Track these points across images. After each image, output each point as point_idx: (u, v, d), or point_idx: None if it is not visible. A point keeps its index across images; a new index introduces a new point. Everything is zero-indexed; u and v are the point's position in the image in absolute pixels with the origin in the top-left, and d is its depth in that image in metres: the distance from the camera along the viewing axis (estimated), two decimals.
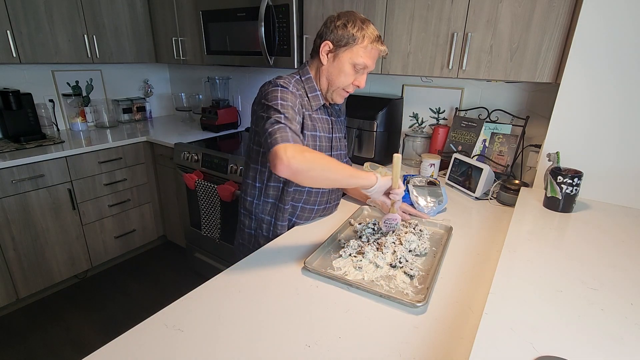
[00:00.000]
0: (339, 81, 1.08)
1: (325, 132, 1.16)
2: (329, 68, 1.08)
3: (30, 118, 2.26)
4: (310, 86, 1.11)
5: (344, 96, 1.13)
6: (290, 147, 0.89)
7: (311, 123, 1.10)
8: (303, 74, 1.12)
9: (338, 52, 1.05)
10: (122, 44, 2.53)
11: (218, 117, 2.53)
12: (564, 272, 0.83)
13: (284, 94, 1.01)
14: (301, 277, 0.92)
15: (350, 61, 1.05)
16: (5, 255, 1.97)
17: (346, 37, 1.03)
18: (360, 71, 1.07)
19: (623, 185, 1.23)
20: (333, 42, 1.04)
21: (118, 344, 0.70)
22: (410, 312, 0.80)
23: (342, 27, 1.03)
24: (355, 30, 1.02)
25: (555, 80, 1.30)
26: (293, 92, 1.03)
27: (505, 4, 1.32)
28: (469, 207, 1.38)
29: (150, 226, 2.69)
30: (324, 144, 1.15)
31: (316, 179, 0.92)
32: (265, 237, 1.19)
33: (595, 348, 0.61)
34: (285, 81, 1.05)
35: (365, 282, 0.89)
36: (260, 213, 1.19)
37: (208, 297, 0.84)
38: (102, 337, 1.97)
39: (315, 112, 1.13)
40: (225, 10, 2.07)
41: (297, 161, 0.87)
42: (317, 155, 0.91)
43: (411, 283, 0.90)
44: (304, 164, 0.87)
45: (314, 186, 1.07)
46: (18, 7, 2.02)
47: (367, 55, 1.04)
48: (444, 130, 1.82)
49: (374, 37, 1.04)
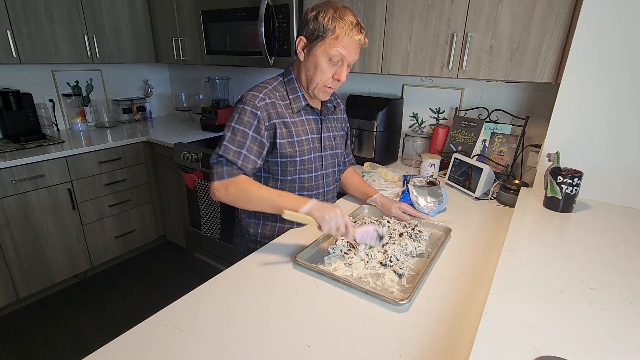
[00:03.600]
0: (317, 77, 1.02)
1: (312, 134, 1.13)
2: (305, 64, 1.04)
3: (30, 118, 2.26)
4: (291, 87, 1.09)
5: (328, 92, 1.07)
6: (218, 185, 1.01)
7: (286, 130, 1.07)
8: (286, 74, 1.11)
9: (312, 47, 1.00)
10: (122, 44, 2.53)
11: (218, 117, 2.53)
12: (564, 272, 0.83)
13: (242, 115, 1.02)
14: (301, 277, 0.92)
15: (324, 54, 0.99)
16: (5, 255, 1.97)
17: (317, 29, 0.97)
18: (338, 64, 1.01)
19: (623, 185, 1.23)
20: (306, 36, 1.00)
21: (118, 344, 0.70)
22: (396, 309, 0.80)
23: (314, 20, 0.97)
24: (327, 21, 0.95)
25: (555, 80, 1.30)
26: (255, 109, 1.01)
27: (505, 4, 1.32)
28: (469, 207, 1.38)
29: (150, 226, 2.69)
30: (307, 146, 1.11)
31: (246, 207, 1.04)
32: (254, 240, 1.20)
33: (595, 348, 0.61)
34: (255, 92, 1.04)
35: (352, 279, 0.90)
36: (248, 217, 1.20)
37: (208, 297, 0.84)
38: (102, 337, 1.97)
39: (297, 114, 1.09)
40: (225, 10, 2.06)
41: (223, 198, 1.02)
42: (241, 190, 1.00)
43: (399, 282, 0.90)
44: (227, 198, 1.02)
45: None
46: (18, 7, 2.02)
47: (341, 46, 0.97)
48: (444, 130, 1.82)
49: (348, 26, 0.96)
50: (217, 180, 1.01)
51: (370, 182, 1.54)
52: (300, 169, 1.12)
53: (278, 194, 0.99)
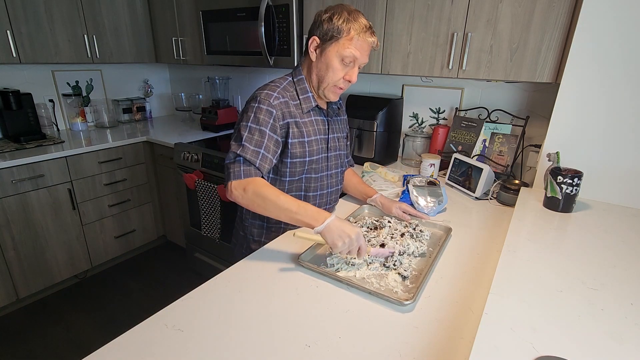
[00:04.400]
0: (329, 77, 1.04)
1: (320, 134, 1.14)
2: (317, 64, 1.05)
3: (30, 118, 2.26)
4: (301, 87, 1.09)
5: (338, 93, 1.09)
6: (236, 184, 0.98)
7: (298, 130, 1.07)
8: (295, 74, 1.11)
9: (325, 47, 1.02)
10: (122, 44, 2.53)
11: (218, 117, 2.53)
12: (564, 272, 0.83)
13: (258, 114, 1.01)
14: (301, 277, 0.92)
15: (337, 55, 1.01)
16: (5, 255, 1.97)
17: (332, 30, 0.99)
18: (350, 65, 1.03)
19: (623, 185, 1.23)
20: (320, 37, 1.01)
21: (118, 344, 0.70)
22: (399, 310, 0.80)
23: (328, 21, 0.99)
24: (341, 23, 0.98)
25: (555, 80, 1.30)
26: (270, 107, 1.01)
27: (505, 4, 1.32)
28: (469, 207, 1.38)
29: (150, 226, 2.69)
30: (316, 147, 1.12)
31: (261, 212, 1.00)
32: (257, 241, 1.20)
33: (595, 348, 0.61)
34: (269, 91, 1.04)
35: (355, 279, 0.90)
36: (253, 218, 1.19)
37: (208, 297, 0.84)
38: (102, 337, 1.97)
39: (307, 115, 1.10)
40: (225, 10, 2.06)
41: (240, 199, 0.99)
42: (259, 194, 0.96)
43: (402, 282, 0.90)
44: (243, 201, 0.99)
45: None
46: (18, 7, 2.02)
47: (354, 47, 1.00)
48: (444, 130, 1.82)
49: (362, 28, 0.99)
50: (234, 179, 0.99)
51: (370, 182, 1.54)
52: (307, 169, 1.12)
53: (297, 205, 0.95)
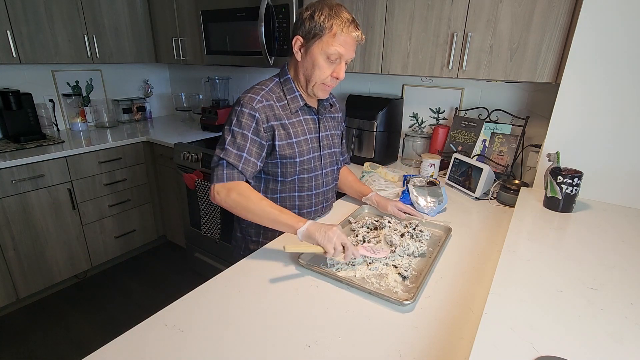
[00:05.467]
0: (315, 76, 1.03)
1: (311, 133, 1.13)
2: (303, 64, 1.04)
3: (30, 118, 2.26)
4: (288, 88, 1.09)
5: (327, 90, 1.08)
6: (219, 187, 1.00)
7: (284, 131, 1.07)
8: (282, 75, 1.11)
9: (309, 46, 1.00)
10: (122, 44, 2.53)
11: (218, 117, 2.53)
12: (564, 272, 0.83)
13: (240, 118, 1.01)
14: (301, 277, 0.92)
15: (322, 53, 0.99)
16: (5, 255, 1.97)
17: (314, 28, 0.97)
18: (336, 62, 1.01)
19: (623, 185, 1.23)
20: (303, 36, 1.00)
21: (118, 344, 0.70)
22: (399, 310, 0.80)
23: (310, 19, 0.97)
24: (323, 19, 0.96)
25: (555, 80, 1.30)
26: (253, 111, 1.01)
27: (505, 4, 1.32)
28: (469, 207, 1.38)
29: (150, 226, 2.69)
30: (306, 147, 1.11)
31: (243, 216, 1.01)
32: (255, 241, 1.20)
33: (595, 348, 0.61)
34: (252, 94, 1.03)
35: (355, 279, 0.90)
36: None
37: (208, 297, 0.84)
38: (102, 337, 1.97)
39: (295, 115, 1.10)
40: (225, 10, 2.06)
41: (222, 202, 1.00)
42: (241, 198, 0.98)
43: (402, 282, 0.90)
44: (227, 203, 1.00)
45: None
46: (18, 7, 2.02)
47: (338, 44, 0.97)
48: (444, 130, 1.82)
49: (345, 23, 0.97)
50: (218, 182, 1.01)
51: (370, 182, 1.54)
52: (300, 170, 1.12)
53: (278, 210, 0.97)
